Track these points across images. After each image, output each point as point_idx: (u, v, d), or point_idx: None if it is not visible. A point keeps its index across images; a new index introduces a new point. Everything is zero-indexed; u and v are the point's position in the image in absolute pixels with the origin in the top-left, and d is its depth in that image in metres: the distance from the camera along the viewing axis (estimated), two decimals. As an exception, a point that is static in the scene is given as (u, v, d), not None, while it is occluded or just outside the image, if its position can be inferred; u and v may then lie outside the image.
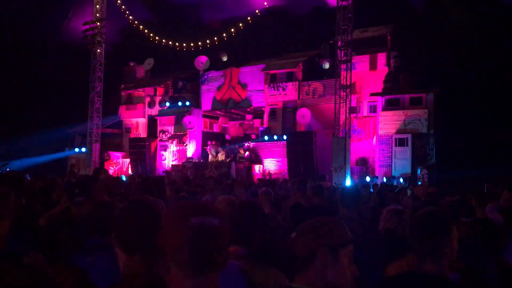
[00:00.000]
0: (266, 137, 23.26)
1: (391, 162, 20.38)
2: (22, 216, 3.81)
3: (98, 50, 26.49)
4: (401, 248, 2.69)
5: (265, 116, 24.95)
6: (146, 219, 1.99)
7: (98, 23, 26.10)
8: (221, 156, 23.79)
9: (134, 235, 1.96)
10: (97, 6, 26.55)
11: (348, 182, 18.58)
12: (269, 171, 22.72)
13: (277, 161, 22.83)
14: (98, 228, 2.95)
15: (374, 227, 4.35)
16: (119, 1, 27.49)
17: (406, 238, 2.52)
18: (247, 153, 23.71)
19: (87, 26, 26.35)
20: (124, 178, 16.67)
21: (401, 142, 20.26)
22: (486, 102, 20.61)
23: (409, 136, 20.02)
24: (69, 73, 31.22)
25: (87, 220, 3.34)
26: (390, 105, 20.83)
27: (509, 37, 21.04)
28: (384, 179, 18.65)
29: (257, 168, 23.11)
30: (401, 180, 18.67)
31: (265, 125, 24.72)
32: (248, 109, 26.38)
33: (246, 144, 24.30)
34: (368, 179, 19.54)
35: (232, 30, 25.56)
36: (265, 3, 25.09)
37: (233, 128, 28.86)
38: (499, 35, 21.40)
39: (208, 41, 26.26)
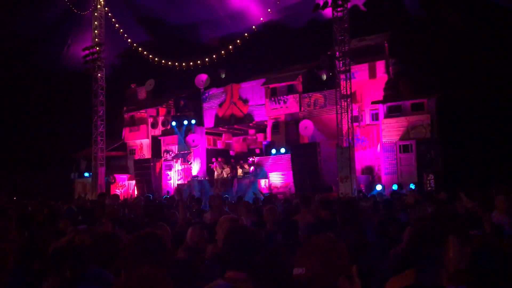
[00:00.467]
0: (273, 151, 23.21)
1: (397, 169, 20.28)
2: (25, 249, 3.80)
3: (99, 74, 26.70)
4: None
5: (268, 130, 24.97)
6: (155, 253, 2.01)
7: (98, 48, 26.35)
8: (226, 173, 23.79)
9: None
10: (96, 31, 26.84)
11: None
12: (269, 186, 22.64)
13: (283, 174, 22.77)
14: (98, 260, 2.94)
15: (381, 243, 4.29)
16: (117, 25, 27.77)
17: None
18: (252, 167, 23.68)
19: (87, 51, 26.61)
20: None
21: (405, 149, 20.19)
22: (489, 104, 20.52)
23: (413, 142, 19.95)
24: (71, 98, 31.49)
25: (89, 250, 3.33)
26: (392, 112, 20.80)
27: (508, 39, 21.04)
28: (395, 187, 18.50)
29: (262, 182, 23.04)
30: (412, 186, 18.52)
31: (269, 139, 24.72)
32: (250, 124, 26.43)
33: (250, 159, 24.29)
34: (379, 187, 19.46)
35: (230, 47, 25.72)
36: (261, 19, 25.26)
37: (236, 144, 28.88)
38: (498, 37, 21.41)
39: (207, 59, 26.41)
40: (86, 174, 27.93)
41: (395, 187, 19.06)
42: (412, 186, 18.83)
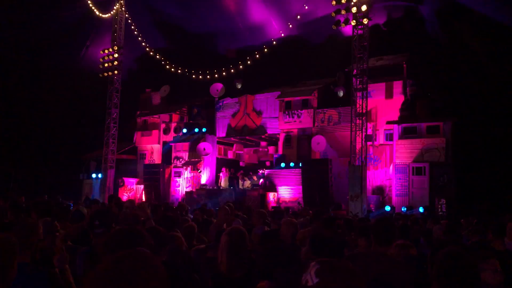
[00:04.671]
0: (282, 164, 23.10)
1: (408, 191, 20.04)
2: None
3: (115, 77, 26.88)
4: None
5: (280, 143, 24.88)
6: None
7: (116, 51, 26.55)
8: (246, 185, 23.71)
9: None
10: (115, 34, 27.08)
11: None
12: (278, 200, 22.50)
13: (292, 188, 22.61)
14: None
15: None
16: (136, 30, 28.00)
17: None
18: (261, 180, 23.55)
19: (105, 54, 26.83)
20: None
21: (418, 171, 19.97)
22: (506, 131, 20.27)
23: (426, 165, 19.73)
24: (86, 100, 31.69)
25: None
26: (406, 134, 20.63)
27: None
28: (404, 209, 18.29)
29: (271, 195, 22.88)
30: (421, 209, 18.29)
31: (280, 152, 24.62)
32: (262, 136, 26.36)
33: (260, 172, 24.17)
34: (388, 208, 19.24)
35: (248, 58, 25.78)
36: (281, 32, 25.33)
37: (247, 155, 28.79)
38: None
39: (223, 69, 26.47)
40: (95, 175, 27.95)
41: (404, 209, 18.85)
42: (421, 209, 18.60)
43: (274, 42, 25.45)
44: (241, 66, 25.96)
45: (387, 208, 19.50)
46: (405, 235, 7.01)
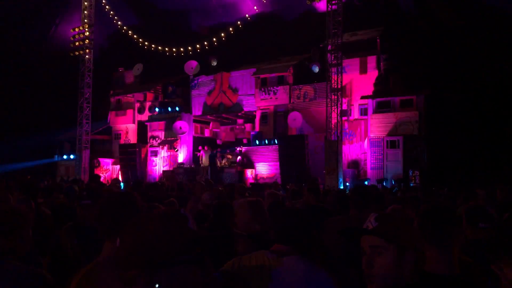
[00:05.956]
0: (259, 142, 23.22)
1: (383, 164, 20.48)
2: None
3: (87, 56, 26.29)
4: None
5: (257, 121, 24.94)
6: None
7: (87, 29, 25.91)
8: (227, 162, 23.69)
9: None
10: (85, 12, 26.39)
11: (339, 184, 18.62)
12: (256, 176, 22.69)
13: (269, 165, 22.80)
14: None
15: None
16: (107, 7, 27.32)
17: None
18: (239, 157, 23.65)
19: (75, 32, 26.16)
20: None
21: (392, 144, 20.38)
22: (477, 103, 20.83)
23: (400, 138, 20.14)
24: (57, 79, 30.95)
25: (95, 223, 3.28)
26: (381, 108, 20.95)
27: (498, 38, 21.32)
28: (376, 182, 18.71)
29: (249, 172, 23.05)
30: (393, 182, 18.76)
31: (257, 130, 24.71)
32: (239, 114, 26.35)
33: (238, 149, 24.24)
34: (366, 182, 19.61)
35: (222, 34, 25.53)
36: (255, 8, 25.12)
37: (224, 133, 28.79)
38: (488, 36, 21.68)
39: (198, 46, 26.19)
40: (71, 157, 27.54)
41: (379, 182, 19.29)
42: (392, 182, 19.06)
43: (249, 18, 25.24)
44: (215, 42, 25.71)
45: (366, 182, 19.90)
46: (381, 203, 7.25)
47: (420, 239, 1.81)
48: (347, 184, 19.59)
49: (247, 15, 25.43)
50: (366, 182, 19.70)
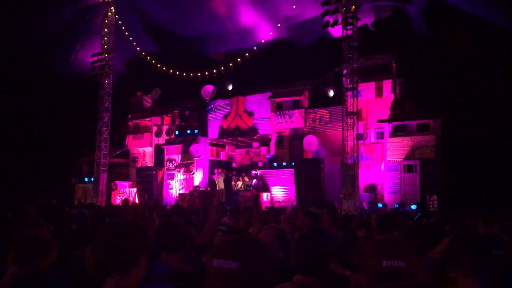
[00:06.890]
0: (275, 164, 23.25)
1: (401, 188, 20.29)
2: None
3: (106, 81, 26.83)
4: None
5: (272, 144, 25.03)
6: None
7: (106, 55, 26.53)
8: (242, 185, 23.75)
9: None
10: (105, 38, 27.05)
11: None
12: (271, 200, 22.61)
13: (285, 188, 22.75)
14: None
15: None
16: (126, 33, 28.00)
17: None
18: (254, 180, 23.67)
19: (95, 58, 26.78)
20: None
21: (409, 168, 20.23)
22: (493, 127, 20.63)
23: (417, 162, 20.00)
24: (77, 104, 31.59)
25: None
26: (397, 132, 20.89)
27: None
28: (396, 206, 18.49)
29: (264, 196, 23.01)
30: (413, 206, 18.51)
31: (272, 153, 24.77)
32: (254, 137, 26.48)
33: (253, 172, 24.29)
34: (380, 206, 19.44)
35: (238, 59, 25.91)
36: (271, 33, 25.51)
37: (240, 156, 28.89)
38: (504, 61, 21.60)
39: (214, 71, 26.59)
40: (87, 180, 27.86)
41: (396, 206, 19.05)
42: (413, 206, 18.81)
43: (264, 42, 25.60)
44: (231, 67, 26.07)
45: (379, 205, 19.70)
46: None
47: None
48: (365, 208, 19.42)
49: (262, 40, 25.81)
50: (380, 205, 19.51)
